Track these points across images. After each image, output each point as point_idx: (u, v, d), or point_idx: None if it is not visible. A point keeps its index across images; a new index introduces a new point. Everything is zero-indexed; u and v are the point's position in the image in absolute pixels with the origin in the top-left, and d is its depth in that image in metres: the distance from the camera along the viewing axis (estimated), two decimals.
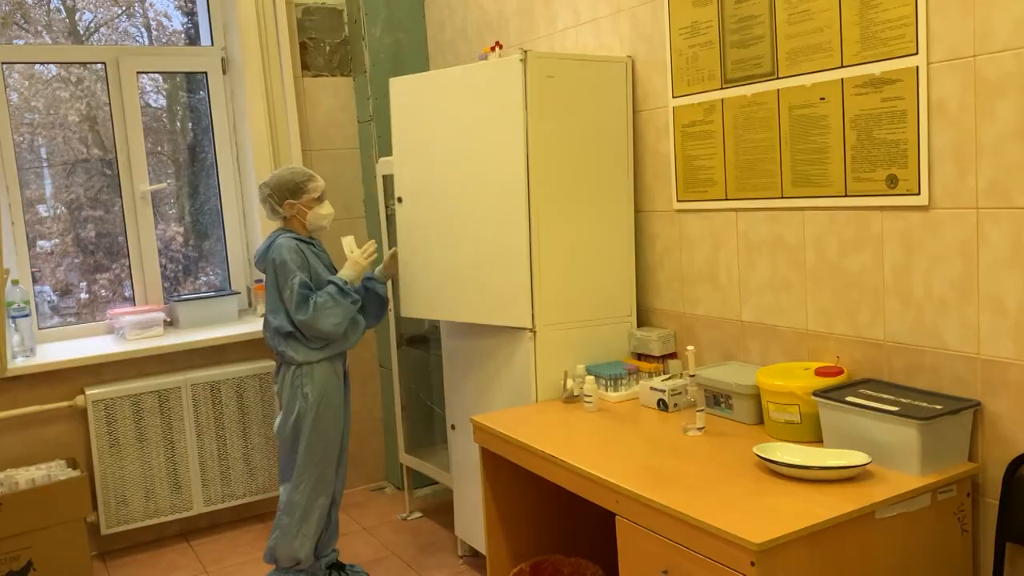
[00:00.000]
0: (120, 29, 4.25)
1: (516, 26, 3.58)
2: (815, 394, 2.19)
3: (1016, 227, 1.94)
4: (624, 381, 2.81)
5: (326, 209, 3.14)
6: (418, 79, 3.11)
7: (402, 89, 3.16)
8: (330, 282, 3.03)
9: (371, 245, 3.17)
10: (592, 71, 2.92)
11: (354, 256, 3.14)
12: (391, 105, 3.20)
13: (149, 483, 3.74)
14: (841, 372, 2.32)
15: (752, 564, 1.72)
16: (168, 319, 4.05)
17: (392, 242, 3.88)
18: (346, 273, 3.09)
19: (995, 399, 2.03)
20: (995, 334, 2.01)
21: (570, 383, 2.80)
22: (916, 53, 2.10)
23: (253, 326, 4.02)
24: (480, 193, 2.99)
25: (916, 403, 2.05)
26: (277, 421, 3.14)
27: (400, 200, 3.23)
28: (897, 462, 2.01)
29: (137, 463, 3.72)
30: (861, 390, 2.19)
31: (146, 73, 4.18)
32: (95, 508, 3.64)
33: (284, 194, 3.07)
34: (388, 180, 3.86)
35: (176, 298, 4.11)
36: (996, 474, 2.03)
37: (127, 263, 4.10)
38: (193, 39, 4.34)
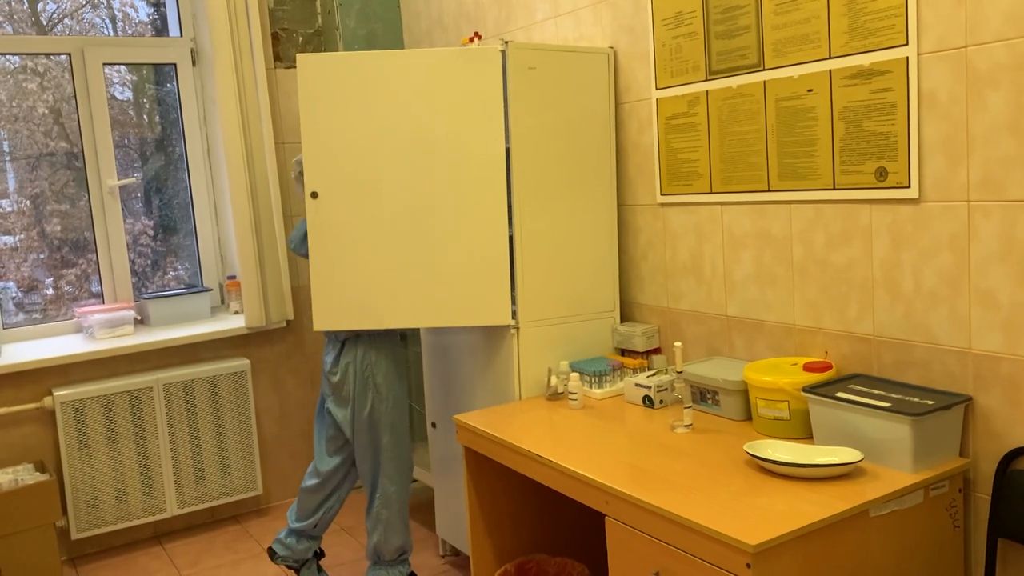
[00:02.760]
0: (84, 20, 4.12)
1: (494, 16, 3.52)
2: (805, 390, 2.17)
3: (1008, 220, 1.92)
4: (608, 377, 2.78)
5: None
6: (348, 58, 2.77)
7: (319, 70, 2.75)
8: None
9: None
10: (573, 62, 2.86)
11: None
12: (299, 87, 2.76)
13: (121, 485, 3.65)
14: (830, 367, 2.29)
15: (748, 566, 1.69)
16: (138, 317, 3.95)
17: None
18: None
19: (986, 393, 2.01)
20: (986, 328, 1.99)
21: (554, 380, 2.75)
22: (906, 44, 2.07)
23: (226, 323, 3.93)
24: (453, 187, 2.82)
25: (907, 398, 2.03)
26: (342, 413, 3.03)
27: (315, 195, 2.79)
28: (889, 459, 1.99)
29: (108, 465, 3.62)
30: (851, 385, 2.17)
31: (113, 65, 4.06)
32: (65, 512, 3.55)
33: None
34: None
35: (146, 295, 4.01)
36: (988, 469, 2.02)
37: (94, 258, 3.99)
38: (160, 30, 4.23)
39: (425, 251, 2.79)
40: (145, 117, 4.27)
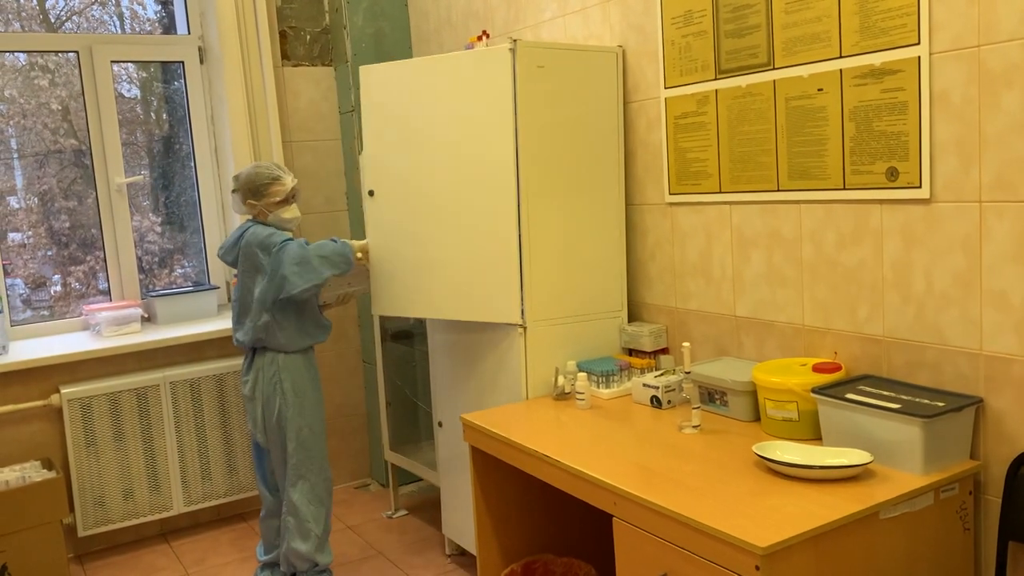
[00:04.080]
0: (93, 17, 4.13)
1: (503, 15, 3.51)
2: (814, 391, 2.15)
3: (1021, 221, 1.91)
4: (616, 377, 2.77)
5: (289, 212, 3.02)
6: (395, 67, 3.00)
7: (376, 78, 3.04)
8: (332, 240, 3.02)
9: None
10: (582, 61, 2.85)
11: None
12: (361, 95, 3.09)
13: (127, 483, 3.65)
14: (839, 368, 2.28)
15: (757, 568, 1.68)
16: (145, 314, 3.96)
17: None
18: (353, 243, 3.05)
19: (998, 396, 2.00)
20: (998, 330, 1.98)
21: (561, 380, 2.74)
22: (918, 43, 2.05)
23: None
24: (467, 186, 2.92)
25: (918, 400, 2.02)
26: (254, 420, 3.10)
27: (371, 193, 3.10)
28: (899, 460, 1.97)
29: (115, 463, 3.62)
30: (860, 387, 2.15)
31: (120, 62, 4.06)
32: (72, 510, 3.55)
33: (247, 193, 2.99)
34: None
35: (153, 293, 4.01)
36: (998, 472, 2.00)
37: (102, 255, 3.99)
38: (167, 28, 4.23)
39: (448, 247, 2.93)
40: (153, 115, 4.27)
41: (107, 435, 3.60)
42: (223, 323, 3.90)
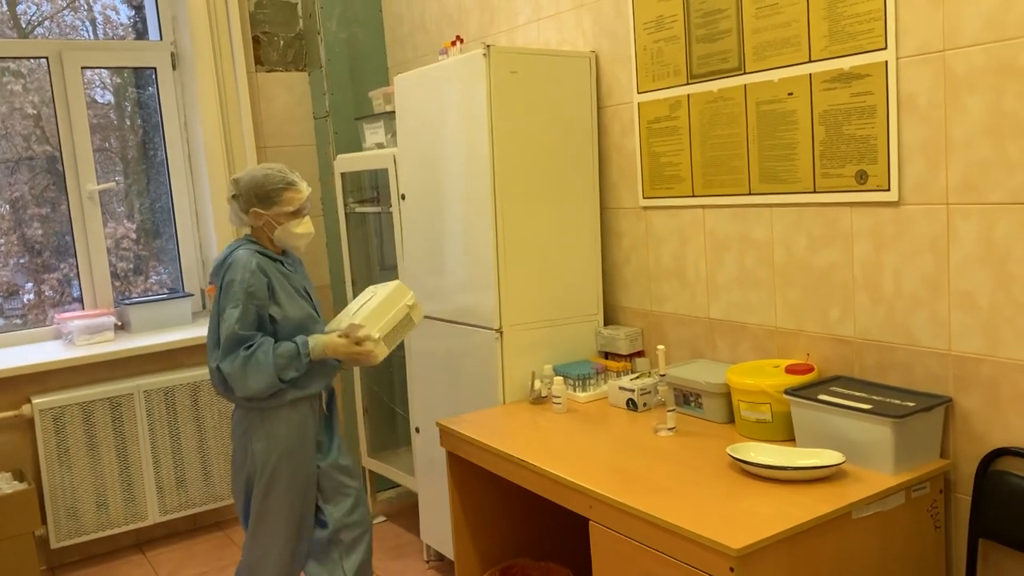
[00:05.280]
0: (65, 23, 4.09)
1: (476, 20, 3.51)
2: (787, 392, 2.17)
3: (987, 223, 1.94)
4: (592, 381, 2.77)
5: (301, 228, 2.51)
6: (418, 74, 3.10)
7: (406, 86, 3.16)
8: (293, 341, 2.43)
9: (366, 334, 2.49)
10: (555, 66, 2.86)
11: (346, 330, 2.49)
12: (396, 102, 3.18)
13: (101, 493, 3.61)
14: (812, 369, 2.30)
15: (731, 570, 1.69)
16: (119, 323, 3.92)
17: (352, 244, 3.80)
18: (320, 341, 2.46)
19: (966, 395, 2.02)
20: (966, 330, 2.01)
21: (538, 384, 2.75)
22: (885, 48, 2.08)
23: (207, 329, 3.89)
24: (445, 192, 2.95)
25: (888, 400, 2.04)
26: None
27: (403, 197, 3.22)
28: (871, 460, 1.99)
29: (88, 473, 3.58)
30: (833, 388, 2.17)
31: (92, 68, 4.03)
32: (44, 521, 3.51)
33: (252, 200, 2.46)
34: (346, 178, 3.78)
35: (127, 301, 3.97)
36: (968, 470, 2.03)
37: (75, 263, 3.95)
38: (140, 33, 4.20)
39: (428, 251, 3.03)
40: (127, 120, 4.23)
41: (80, 445, 3.56)
42: (198, 331, 3.87)
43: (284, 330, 2.46)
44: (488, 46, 2.70)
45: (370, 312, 2.51)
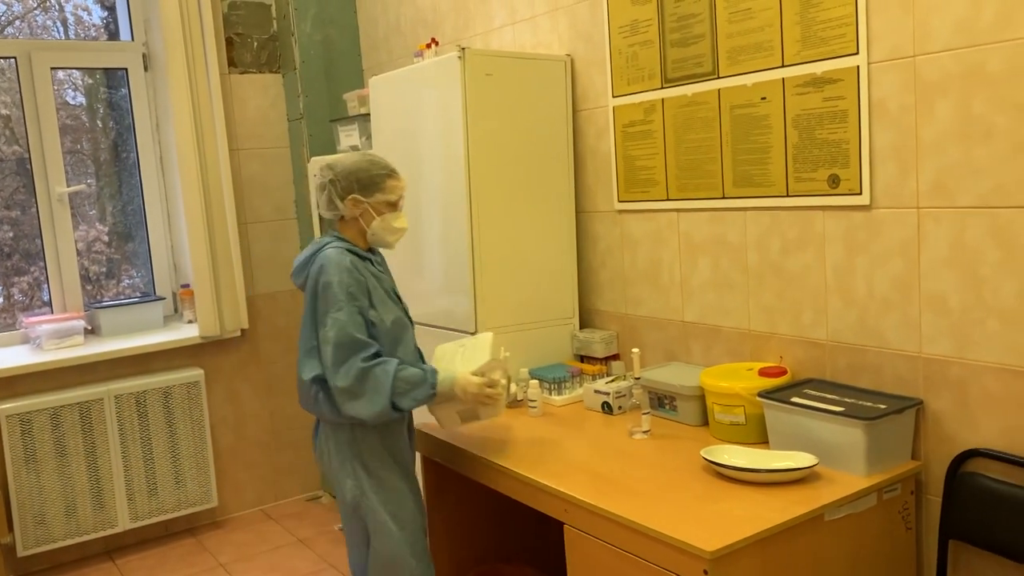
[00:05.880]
0: (37, 23, 4.03)
1: (452, 23, 3.51)
2: (760, 395, 2.18)
3: (957, 227, 1.96)
4: (568, 384, 2.77)
5: (400, 222, 2.33)
6: (394, 76, 3.09)
7: (384, 88, 3.13)
8: (420, 367, 2.23)
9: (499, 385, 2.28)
10: (531, 69, 2.86)
11: (485, 367, 2.27)
12: (371, 104, 3.14)
13: (70, 500, 3.56)
14: (785, 372, 2.31)
15: (705, 572, 1.69)
16: (89, 327, 3.87)
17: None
18: (449, 375, 2.24)
19: (936, 397, 2.04)
20: (936, 333, 2.03)
21: (513, 387, 2.74)
22: (857, 53, 2.10)
23: (179, 333, 3.86)
24: (422, 194, 2.94)
25: (860, 403, 2.06)
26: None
27: None
28: (843, 462, 2.01)
29: (57, 480, 3.53)
30: (805, 390, 2.19)
31: (62, 69, 3.97)
32: (11, 529, 3.45)
33: (352, 186, 2.27)
34: None
35: (97, 304, 3.92)
36: (939, 471, 2.05)
37: (45, 266, 3.89)
38: (113, 34, 4.15)
39: (407, 254, 2.98)
40: (99, 122, 4.18)
41: (48, 451, 3.51)
42: (169, 335, 3.83)
43: (379, 337, 2.23)
44: (463, 49, 2.70)
45: (490, 359, 2.27)
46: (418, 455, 2.66)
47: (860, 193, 2.14)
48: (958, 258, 1.96)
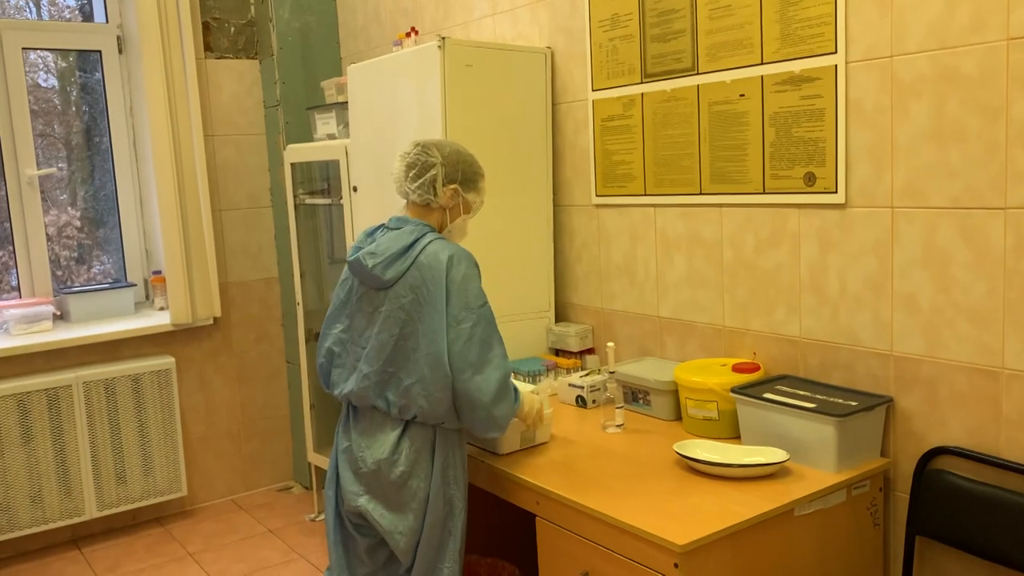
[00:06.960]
0: (9, 3, 3.95)
1: (432, 13, 3.49)
2: (733, 391, 2.19)
3: (929, 226, 1.98)
4: (542, 377, 2.77)
5: (470, 226, 2.28)
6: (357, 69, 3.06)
7: (362, 76, 3.08)
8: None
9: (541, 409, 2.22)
10: (511, 61, 2.85)
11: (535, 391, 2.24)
12: (349, 92, 3.09)
13: (36, 487, 3.51)
14: (758, 368, 2.33)
15: (675, 566, 1.70)
16: (58, 312, 3.81)
17: (301, 237, 3.75)
18: (523, 392, 2.17)
19: (907, 395, 2.06)
20: (907, 331, 2.05)
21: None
22: (835, 52, 2.11)
23: (150, 320, 3.82)
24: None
25: (832, 400, 2.07)
26: (395, 520, 2.07)
27: (355, 189, 3.15)
28: (814, 458, 2.02)
29: (22, 466, 3.48)
30: (778, 387, 2.20)
31: (34, 50, 3.90)
32: None
33: (456, 175, 2.14)
34: (296, 168, 3.72)
35: (66, 290, 3.86)
36: (907, 468, 2.07)
37: (13, 250, 3.83)
38: (88, 16, 4.08)
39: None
40: (72, 106, 4.12)
41: (14, 438, 3.46)
42: (140, 321, 3.79)
43: None
44: (443, 38, 2.68)
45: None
46: None
47: (835, 192, 2.15)
48: (930, 258, 1.98)
